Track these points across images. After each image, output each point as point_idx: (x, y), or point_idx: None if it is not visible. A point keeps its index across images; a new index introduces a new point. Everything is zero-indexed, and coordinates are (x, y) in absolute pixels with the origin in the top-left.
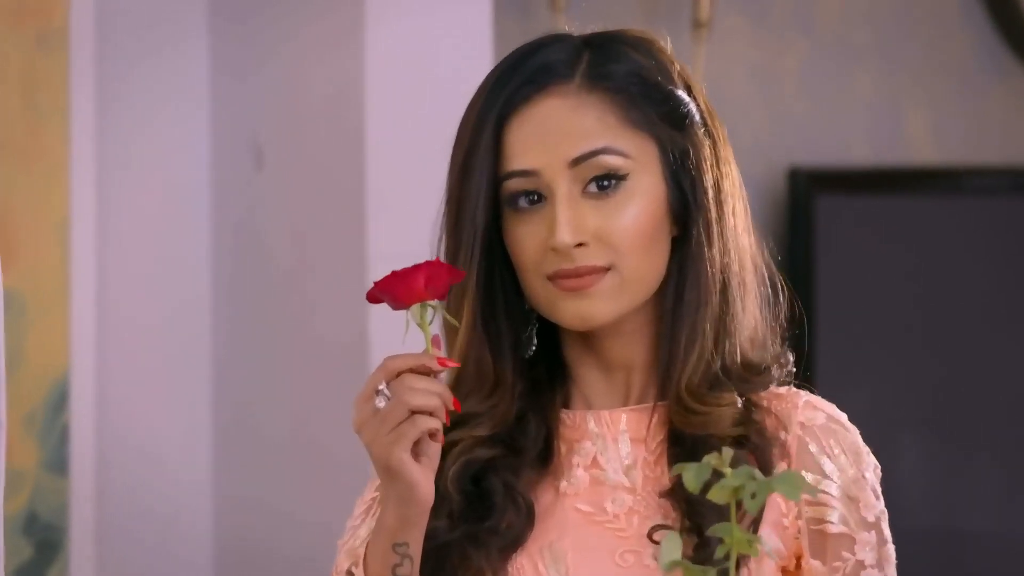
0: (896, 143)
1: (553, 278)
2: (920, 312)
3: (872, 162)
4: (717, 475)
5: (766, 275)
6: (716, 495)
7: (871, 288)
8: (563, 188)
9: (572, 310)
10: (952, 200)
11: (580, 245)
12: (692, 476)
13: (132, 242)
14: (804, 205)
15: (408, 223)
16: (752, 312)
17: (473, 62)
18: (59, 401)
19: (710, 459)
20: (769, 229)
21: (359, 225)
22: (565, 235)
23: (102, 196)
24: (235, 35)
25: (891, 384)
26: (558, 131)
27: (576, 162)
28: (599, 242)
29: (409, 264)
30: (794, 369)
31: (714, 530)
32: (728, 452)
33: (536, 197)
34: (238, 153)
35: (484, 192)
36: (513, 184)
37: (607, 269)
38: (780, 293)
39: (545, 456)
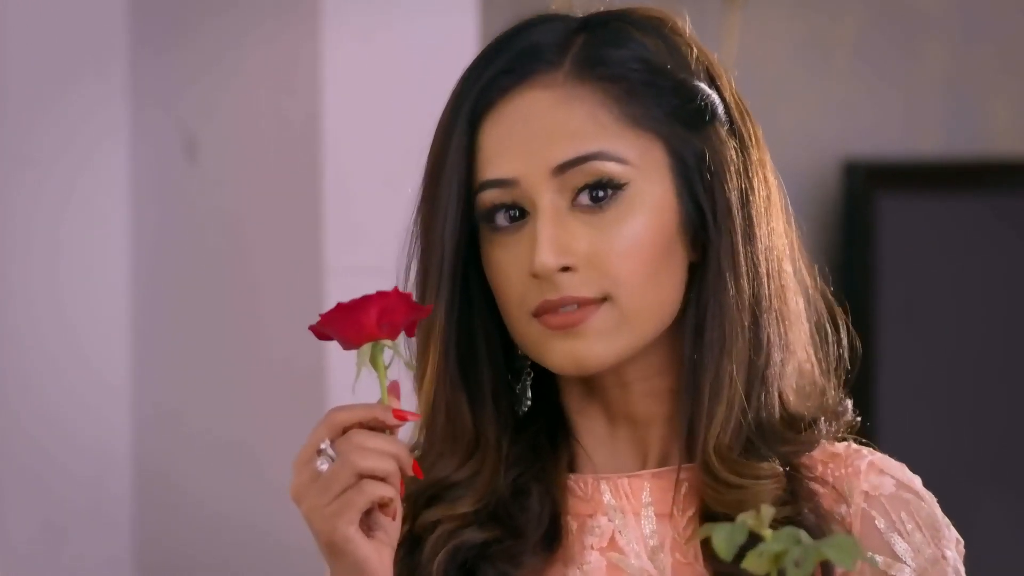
0: (975, 131)
1: (539, 314)
2: (1002, 333)
3: (946, 154)
4: (754, 539)
5: (823, 306)
6: (753, 564)
7: (942, 304)
8: (546, 200)
9: (562, 351)
10: None
11: (566, 269)
12: (723, 541)
13: (34, 249)
14: (862, 205)
15: (371, 229)
16: (798, 354)
17: (455, 37)
18: None
19: (745, 519)
20: (819, 233)
21: (314, 230)
22: (546, 256)
23: None
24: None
25: (967, 420)
26: (540, 131)
27: (561, 169)
28: (591, 267)
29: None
30: (856, 419)
31: None
32: (768, 511)
33: (517, 213)
34: (165, 142)
35: (455, 205)
36: (488, 196)
37: (601, 300)
38: (838, 328)
39: (552, 536)
